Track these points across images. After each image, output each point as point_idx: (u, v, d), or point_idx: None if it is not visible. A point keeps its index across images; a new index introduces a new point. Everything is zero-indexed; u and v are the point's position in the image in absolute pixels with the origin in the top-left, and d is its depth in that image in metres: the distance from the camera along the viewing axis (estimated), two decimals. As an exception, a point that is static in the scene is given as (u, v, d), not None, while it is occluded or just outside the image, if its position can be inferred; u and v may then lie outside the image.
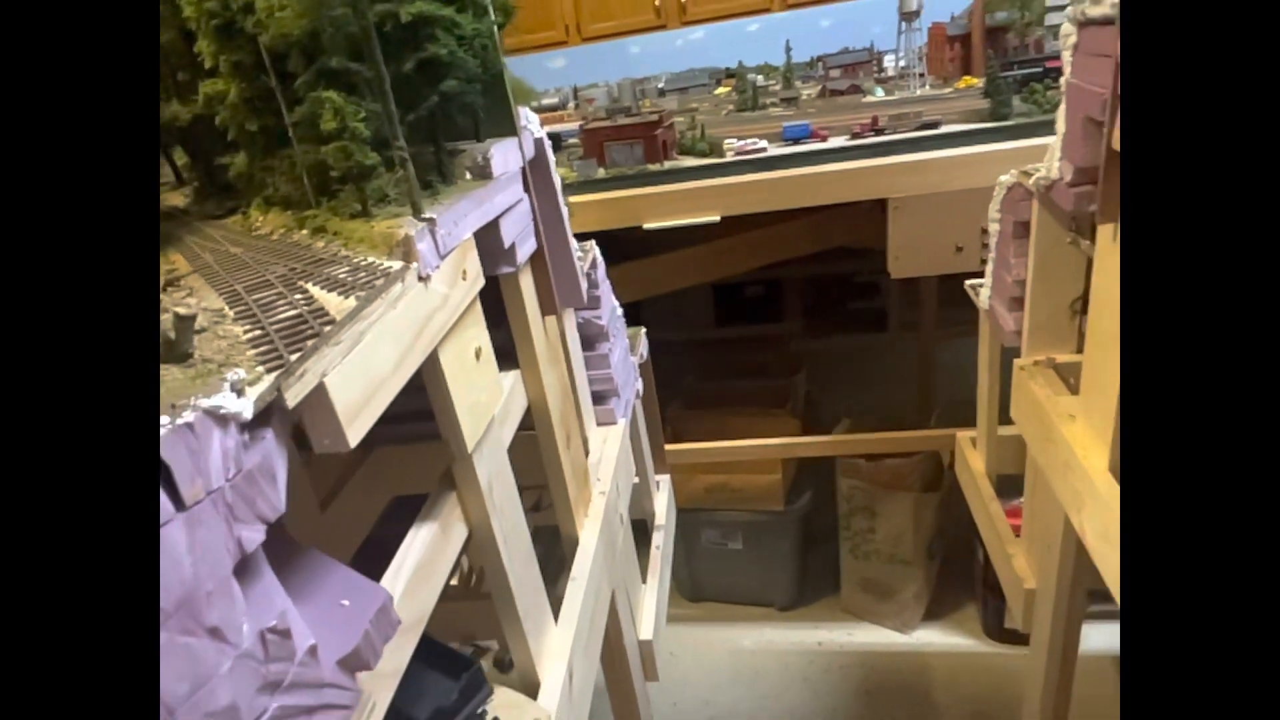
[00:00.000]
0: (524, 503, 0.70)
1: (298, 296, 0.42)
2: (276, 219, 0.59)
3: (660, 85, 2.39)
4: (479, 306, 0.60)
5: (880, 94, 1.76)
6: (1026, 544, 1.19)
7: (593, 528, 0.91)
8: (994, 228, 1.11)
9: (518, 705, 0.66)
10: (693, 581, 2.15)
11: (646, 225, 1.46)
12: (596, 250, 1.08)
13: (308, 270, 0.47)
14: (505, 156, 0.69)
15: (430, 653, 0.62)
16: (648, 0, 2.98)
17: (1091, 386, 0.90)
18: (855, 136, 1.40)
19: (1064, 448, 0.91)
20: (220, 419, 0.29)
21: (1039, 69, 1.43)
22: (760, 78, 2.17)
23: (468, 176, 0.64)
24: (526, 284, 0.76)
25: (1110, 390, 0.84)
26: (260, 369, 0.33)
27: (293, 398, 0.34)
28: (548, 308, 0.81)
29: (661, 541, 1.37)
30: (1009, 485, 1.36)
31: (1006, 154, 1.30)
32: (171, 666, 0.26)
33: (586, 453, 0.99)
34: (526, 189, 0.74)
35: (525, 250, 0.73)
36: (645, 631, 1.17)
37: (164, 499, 0.27)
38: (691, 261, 1.79)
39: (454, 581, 1.23)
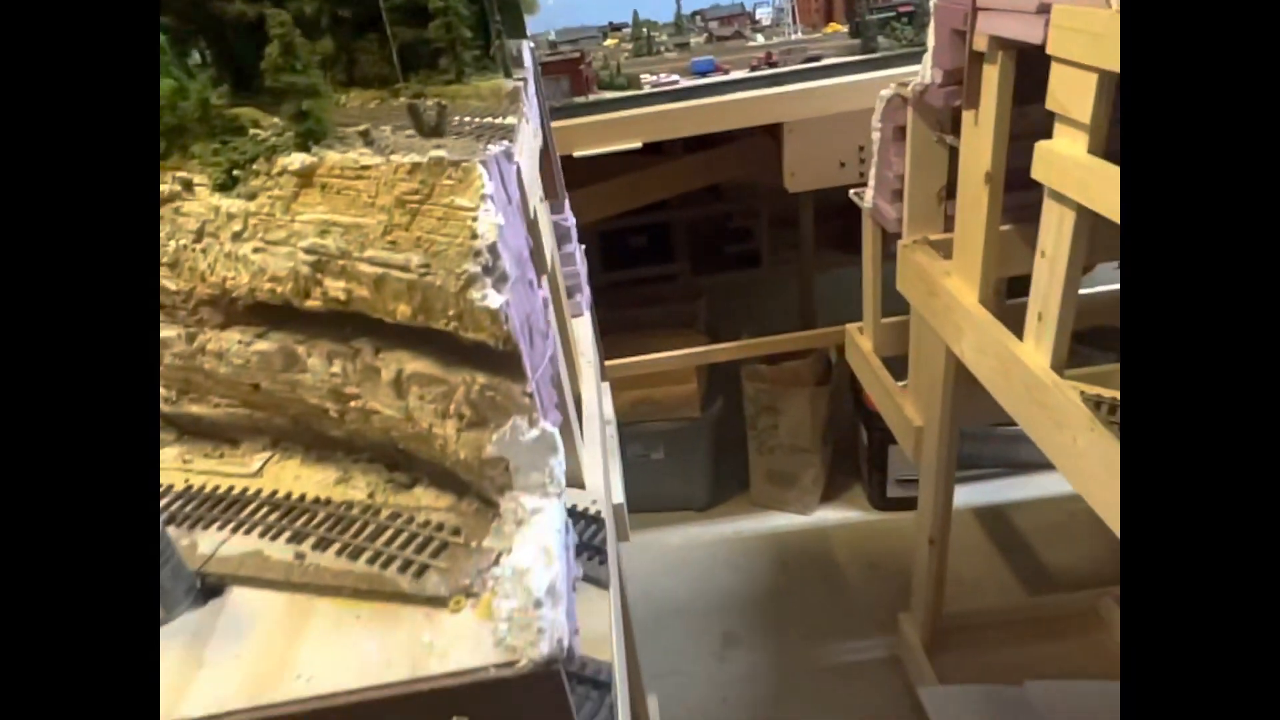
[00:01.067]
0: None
1: (466, 118, 0.56)
2: (362, 95, 0.71)
3: (551, 38, 2.51)
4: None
5: (760, 40, 1.99)
6: (912, 393, 1.48)
7: (590, 389, 1.07)
8: (876, 135, 1.36)
9: (576, 495, 0.83)
10: (620, 495, 2.35)
11: (576, 153, 1.61)
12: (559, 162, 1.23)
13: (448, 110, 0.60)
14: (525, 53, 0.83)
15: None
16: (518, -40, 3.07)
17: (961, 246, 1.17)
18: (753, 70, 1.62)
19: (945, 295, 1.18)
20: (509, 155, 0.44)
21: (892, 13, 1.71)
22: (645, 28, 2.34)
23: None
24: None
25: (974, 246, 1.11)
26: (492, 144, 0.48)
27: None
28: (549, 192, 0.96)
29: (613, 431, 1.55)
30: (891, 371, 1.64)
31: (877, 81, 1.57)
32: (523, 296, 0.42)
33: (569, 332, 1.15)
34: (536, 85, 0.89)
35: (539, 130, 0.88)
36: (617, 495, 1.35)
37: (502, 193, 0.42)
38: (608, 194, 1.95)
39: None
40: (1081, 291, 0.91)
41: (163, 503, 0.51)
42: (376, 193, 0.43)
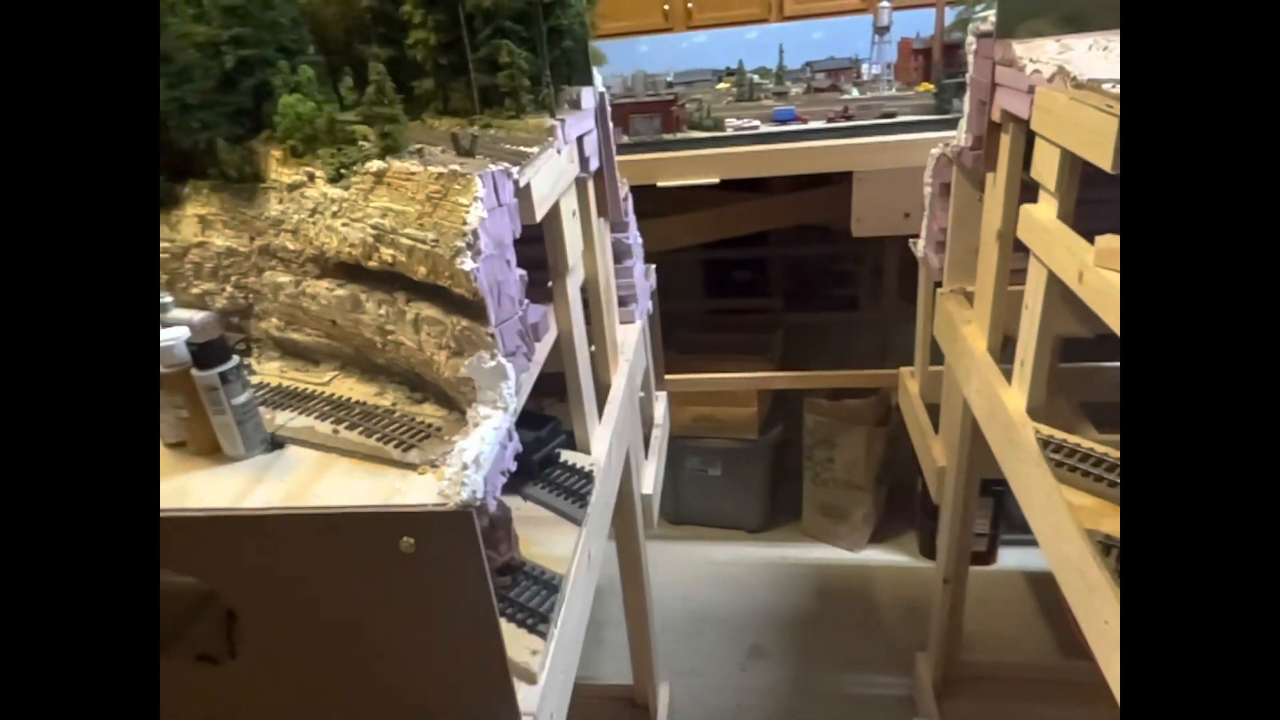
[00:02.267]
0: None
1: (506, 145, 0.76)
2: (450, 122, 0.93)
3: (669, 79, 2.74)
4: (574, 188, 0.95)
5: (855, 93, 2.12)
6: (942, 437, 1.55)
7: (620, 380, 1.25)
8: (927, 190, 1.47)
9: (579, 457, 1.00)
10: (676, 505, 2.49)
11: (660, 184, 1.80)
12: (628, 188, 1.42)
13: (499, 139, 0.81)
14: (587, 98, 1.03)
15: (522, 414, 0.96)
16: (657, 4, 3.35)
17: (979, 297, 1.26)
18: (830, 120, 1.76)
19: (962, 341, 1.27)
20: (508, 174, 0.63)
21: (976, 78, 1.80)
22: (756, 76, 2.53)
23: (566, 107, 0.99)
24: (591, 190, 1.10)
25: (987, 297, 1.20)
26: (508, 165, 0.67)
27: (522, 181, 0.68)
28: (602, 210, 1.15)
29: (660, 434, 1.71)
30: (935, 417, 1.70)
31: (945, 139, 1.66)
32: (496, 270, 0.60)
33: (615, 333, 1.33)
34: (596, 123, 1.08)
35: (594, 164, 1.07)
36: (646, 487, 1.51)
37: (492, 197, 0.61)
38: (692, 224, 2.14)
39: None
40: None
41: (260, 394, 0.74)
42: (417, 190, 0.63)
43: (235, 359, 0.61)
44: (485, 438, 0.57)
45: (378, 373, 0.75)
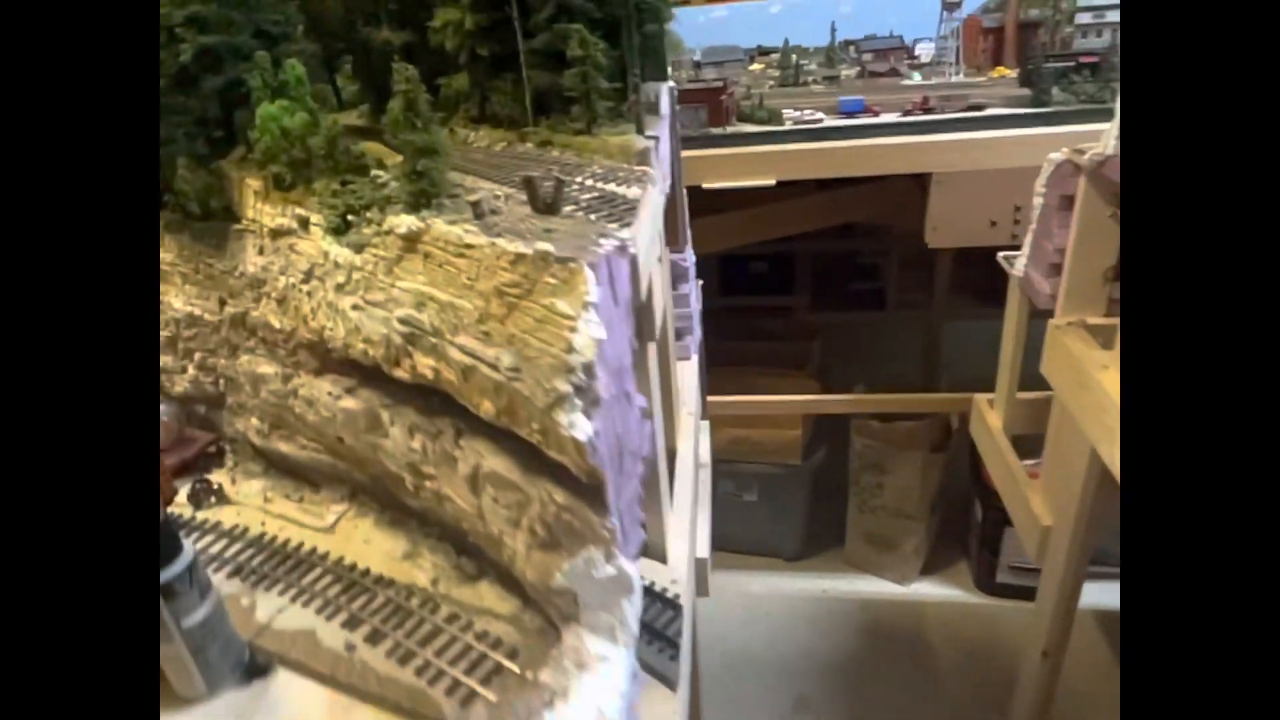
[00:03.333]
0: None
1: (587, 182, 0.52)
2: (491, 134, 0.69)
3: (696, 58, 2.48)
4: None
5: (917, 78, 1.87)
6: (1045, 486, 1.33)
7: (687, 443, 1.02)
8: (1038, 201, 1.23)
9: (656, 570, 0.77)
10: (706, 531, 2.28)
11: (705, 185, 1.56)
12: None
13: (570, 169, 0.57)
14: (664, 99, 0.79)
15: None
16: (675, -24, 3.06)
17: (1126, 339, 1.03)
18: (906, 114, 1.52)
19: (1098, 392, 1.04)
20: (624, 250, 0.39)
21: (1072, 63, 1.55)
22: (794, 56, 2.27)
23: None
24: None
25: (1145, 342, 0.97)
26: (614, 225, 0.43)
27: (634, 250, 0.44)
28: (671, 240, 0.92)
29: (706, 476, 1.48)
30: (1020, 447, 1.49)
31: (1045, 138, 1.42)
32: (617, 416, 0.37)
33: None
34: (671, 131, 0.84)
35: (668, 185, 0.83)
36: (702, 550, 1.29)
37: (609, 298, 0.37)
38: (737, 225, 1.90)
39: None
40: None
41: (234, 550, 0.50)
42: (477, 275, 0.40)
43: (188, 556, 0.37)
44: (605, 710, 0.34)
45: (406, 515, 0.52)
